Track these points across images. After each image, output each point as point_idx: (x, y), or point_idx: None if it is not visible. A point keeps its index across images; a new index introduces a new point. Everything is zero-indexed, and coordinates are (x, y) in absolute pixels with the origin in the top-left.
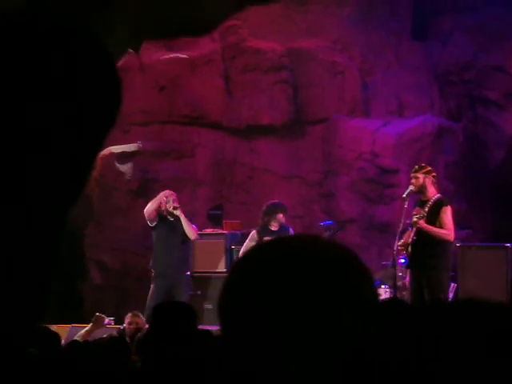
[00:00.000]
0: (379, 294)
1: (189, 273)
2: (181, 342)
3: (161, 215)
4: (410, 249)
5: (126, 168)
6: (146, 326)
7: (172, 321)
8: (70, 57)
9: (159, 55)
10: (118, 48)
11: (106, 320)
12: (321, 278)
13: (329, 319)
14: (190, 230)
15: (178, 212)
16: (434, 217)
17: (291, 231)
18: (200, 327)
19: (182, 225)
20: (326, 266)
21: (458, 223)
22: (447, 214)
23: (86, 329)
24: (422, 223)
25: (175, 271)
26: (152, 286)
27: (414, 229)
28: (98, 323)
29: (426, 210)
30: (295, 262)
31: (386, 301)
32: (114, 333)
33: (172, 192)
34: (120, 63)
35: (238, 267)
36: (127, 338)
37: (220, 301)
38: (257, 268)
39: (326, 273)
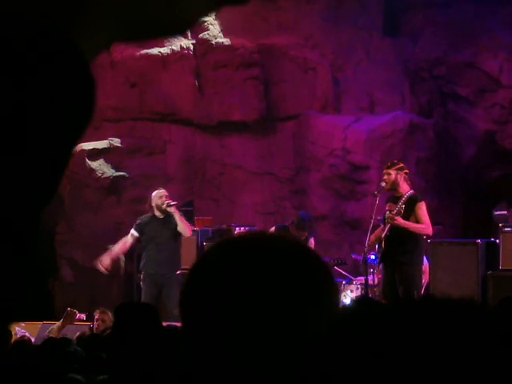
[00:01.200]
0: (339, 290)
1: (178, 272)
2: (144, 339)
3: (146, 219)
4: (383, 244)
5: (96, 164)
6: None
7: (135, 319)
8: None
9: (130, 52)
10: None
11: (78, 315)
12: (280, 274)
13: (287, 315)
14: (184, 227)
15: (171, 209)
16: (408, 213)
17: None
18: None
19: (171, 223)
20: (285, 263)
21: (430, 219)
22: (422, 209)
23: (57, 324)
24: (400, 219)
25: (166, 271)
26: (143, 287)
27: (388, 225)
28: (70, 319)
29: (402, 205)
30: (254, 257)
31: (357, 299)
32: (86, 330)
33: (162, 189)
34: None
35: (202, 263)
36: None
37: (182, 296)
38: (220, 263)
39: (285, 269)
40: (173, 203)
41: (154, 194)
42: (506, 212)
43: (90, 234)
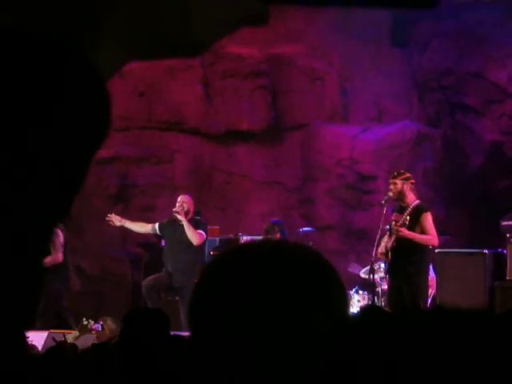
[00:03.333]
0: (349, 299)
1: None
2: (152, 347)
3: (166, 221)
4: (389, 255)
5: (104, 173)
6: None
7: (144, 327)
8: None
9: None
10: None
11: (94, 325)
12: (291, 282)
13: (299, 323)
14: (192, 236)
15: (179, 217)
16: (414, 223)
17: None
18: (176, 333)
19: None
20: (297, 270)
21: (437, 229)
22: (428, 219)
23: (73, 335)
24: (405, 230)
25: (182, 279)
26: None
27: (394, 236)
28: (85, 329)
29: (407, 216)
30: (266, 266)
31: (364, 308)
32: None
33: (184, 195)
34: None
35: (209, 272)
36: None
37: (191, 305)
38: (227, 272)
39: (296, 276)
40: (178, 210)
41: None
42: None
43: (97, 243)
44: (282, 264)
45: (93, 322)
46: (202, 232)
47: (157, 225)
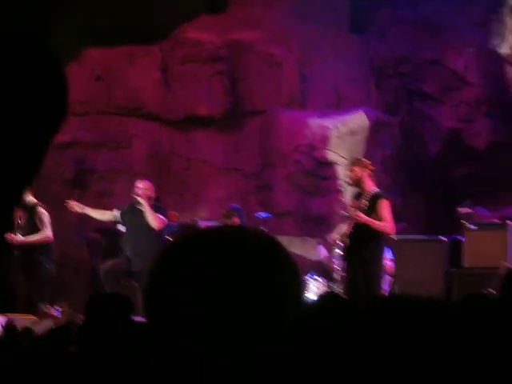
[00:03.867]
0: (305, 284)
1: None
2: (115, 332)
3: (126, 207)
4: (347, 241)
5: (62, 158)
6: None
7: (107, 312)
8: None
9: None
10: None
11: (52, 310)
12: (247, 267)
13: (253, 306)
14: (152, 220)
15: (140, 200)
16: (371, 210)
17: None
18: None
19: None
20: (252, 256)
21: (394, 216)
22: (385, 207)
23: (32, 319)
24: (362, 215)
25: (140, 261)
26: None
27: (352, 221)
28: (44, 314)
29: (365, 202)
30: (222, 251)
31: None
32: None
33: (145, 181)
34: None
35: (165, 257)
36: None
37: (146, 288)
38: (184, 257)
39: (251, 261)
40: (140, 193)
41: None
42: (470, 210)
43: (53, 228)
44: (238, 249)
45: (52, 308)
46: (162, 217)
47: (118, 212)
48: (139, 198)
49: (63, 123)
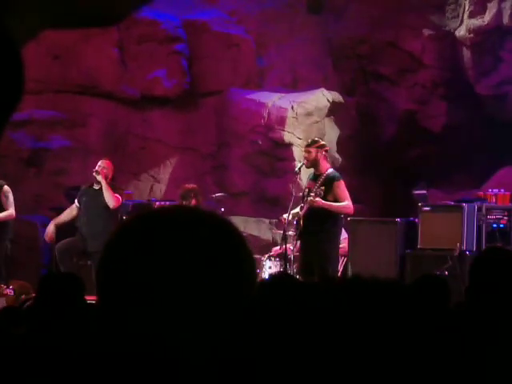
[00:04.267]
0: (258, 265)
1: None
2: (66, 312)
3: (83, 189)
4: (301, 222)
5: (17, 136)
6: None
7: (59, 291)
8: None
9: None
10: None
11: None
12: (199, 246)
13: (206, 286)
14: (109, 198)
15: (99, 178)
16: (327, 192)
17: None
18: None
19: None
20: (203, 235)
21: (351, 197)
22: (341, 187)
23: None
24: (321, 201)
25: (95, 241)
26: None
27: (307, 203)
28: None
29: (321, 185)
30: (173, 230)
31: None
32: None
33: (104, 160)
34: None
35: (117, 236)
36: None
37: (98, 267)
38: (136, 237)
39: (204, 241)
40: (99, 170)
41: None
42: (425, 191)
43: None
44: (191, 229)
45: (5, 287)
46: (118, 196)
47: (76, 201)
48: (98, 177)
49: (19, 102)
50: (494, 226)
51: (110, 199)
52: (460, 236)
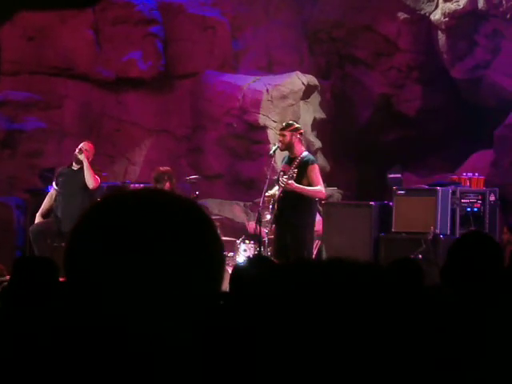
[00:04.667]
0: (223, 244)
1: None
2: (40, 294)
3: (61, 170)
4: (276, 206)
5: None
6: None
7: (33, 274)
8: None
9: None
10: None
11: None
12: (165, 228)
13: (174, 269)
14: (89, 178)
15: (82, 156)
16: (301, 175)
17: None
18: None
19: (82, 174)
20: (169, 217)
21: (324, 181)
22: (315, 171)
23: None
24: (293, 184)
25: (72, 222)
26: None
27: (281, 187)
28: None
29: (295, 168)
30: (141, 211)
31: (252, 258)
32: None
33: (87, 142)
34: None
35: (86, 218)
36: None
37: (67, 249)
38: (104, 219)
39: (168, 223)
40: (82, 149)
41: None
42: (399, 175)
43: None
44: (158, 211)
45: None
46: (98, 177)
47: (54, 183)
48: (81, 155)
49: None
50: (468, 209)
51: (91, 179)
52: (434, 220)
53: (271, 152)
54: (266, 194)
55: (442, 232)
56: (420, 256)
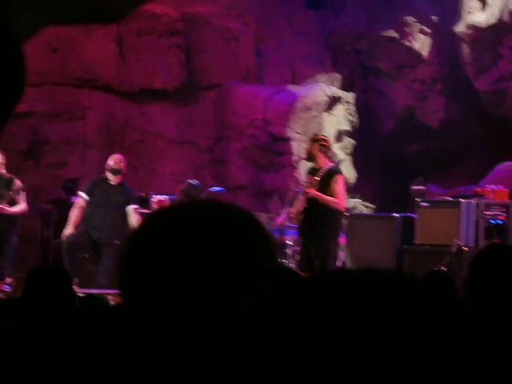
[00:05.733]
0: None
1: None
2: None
3: (97, 181)
4: (301, 216)
5: (16, 128)
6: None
7: (46, 284)
8: None
9: None
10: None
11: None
12: (220, 240)
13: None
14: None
15: (118, 175)
16: (325, 186)
17: None
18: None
19: (123, 190)
20: (225, 227)
21: (348, 192)
22: (338, 183)
23: None
24: (313, 191)
25: (110, 238)
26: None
27: (306, 197)
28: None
29: (318, 178)
30: (194, 223)
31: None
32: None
33: (119, 156)
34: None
35: (138, 232)
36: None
37: (120, 264)
38: (156, 230)
39: (224, 234)
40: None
41: (110, 157)
42: (423, 187)
43: None
44: (212, 223)
45: (3, 282)
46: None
47: (83, 193)
48: (118, 175)
49: (21, 97)
50: (492, 221)
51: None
52: (458, 232)
53: (295, 163)
54: (291, 211)
55: (465, 244)
56: (443, 268)
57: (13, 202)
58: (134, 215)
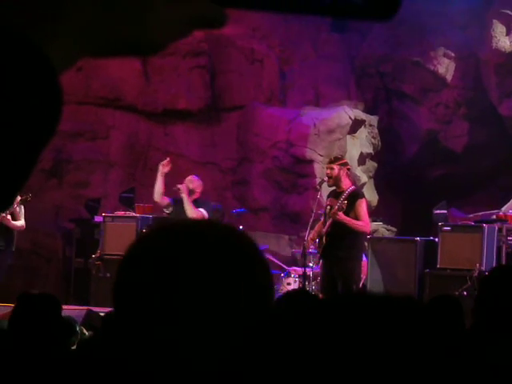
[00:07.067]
0: (273, 280)
1: None
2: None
3: (177, 199)
4: (323, 239)
5: None
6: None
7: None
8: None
9: None
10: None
11: None
12: (214, 261)
13: (221, 302)
14: (190, 212)
15: (182, 194)
16: (349, 209)
17: None
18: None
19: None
20: (220, 249)
21: (370, 215)
22: (362, 206)
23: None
24: (342, 215)
25: None
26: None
27: (330, 220)
28: None
29: (344, 200)
30: (190, 243)
31: (294, 291)
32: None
33: (192, 176)
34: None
35: (134, 248)
36: None
37: (115, 281)
38: (151, 250)
39: (219, 255)
40: (180, 187)
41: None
42: (445, 211)
43: (28, 217)
44: (208, 243)
45: None
46: (201, 210)
47: (171, 201)
48: (179, 190)
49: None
50: None
51: (192, 214)
52: (480, 257)
53: (317, 186)
54: (312, 234)
55: (487, 269)
56: (465, 293)
57: (13, 215)
58: None
